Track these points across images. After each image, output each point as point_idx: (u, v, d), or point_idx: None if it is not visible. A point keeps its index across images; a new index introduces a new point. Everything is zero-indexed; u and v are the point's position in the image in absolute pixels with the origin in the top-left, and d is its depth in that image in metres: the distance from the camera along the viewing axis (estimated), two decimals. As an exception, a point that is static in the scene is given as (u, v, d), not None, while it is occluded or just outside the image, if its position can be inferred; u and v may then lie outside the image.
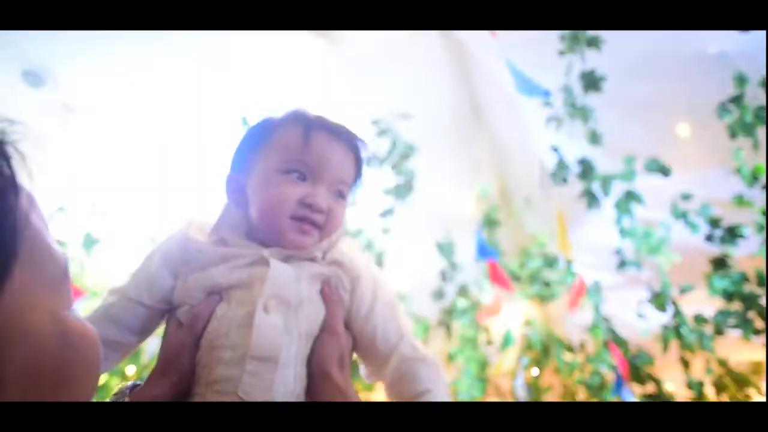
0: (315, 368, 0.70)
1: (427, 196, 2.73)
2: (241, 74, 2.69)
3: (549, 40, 1.89)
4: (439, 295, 3.18)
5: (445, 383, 0.75)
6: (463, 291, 3.15)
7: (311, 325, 0.73)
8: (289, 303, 0.71)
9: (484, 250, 2.56)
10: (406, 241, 3.05)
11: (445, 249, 3.03)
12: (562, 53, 1.86)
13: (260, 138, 0.82)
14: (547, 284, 2.95)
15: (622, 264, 2.20)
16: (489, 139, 3.05)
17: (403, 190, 2.36)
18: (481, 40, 2.41)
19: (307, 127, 0.81)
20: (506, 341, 2.63)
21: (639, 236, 2.17)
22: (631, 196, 2.09)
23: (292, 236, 0.76)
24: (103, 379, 2.94)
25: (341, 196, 0.81)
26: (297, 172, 0.78)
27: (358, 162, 0.84)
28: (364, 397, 0.82)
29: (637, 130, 2.34)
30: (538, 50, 1.96)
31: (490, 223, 2.83)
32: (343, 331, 0.75)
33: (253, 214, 0.78)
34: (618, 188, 2.15)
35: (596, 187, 2.04)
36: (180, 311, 0.75)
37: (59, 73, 2.92)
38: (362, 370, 0.79)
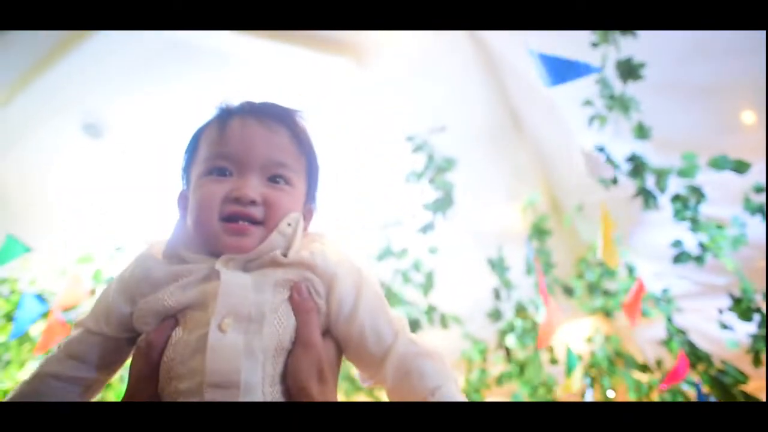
0: (291, 385, 0.62)
1: (472, 211, 2.63)
2: (276, 98, 2.75)
3: (582, 32, 1.78)
4: (495, 315, 3.01)
5: (455, 377, 0.67)
6: (520, 310, 2.97)
7: (280, 340, 0.64)
8: (248, 318, 0.63)
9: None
10: (455, 260, 2.94)
11: (497, 265, 2.88)
12: (595, 45, 1.74)
13: (190, 147, 0.77)
14: (607, 295, 2.72)
15: (681, 257, 1.94)
16: (531, 146, 2.91)
17: (443, 204, 2.27)
18: (511, 43, 2.33)
19: (223, 117, 0.75)
20: (570, 364, 2.42)
21: (710, 231, 1.91)
22: (694, 193, 1.85)
23: (227, 239, 0.67)
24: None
25: (284, 180, 0.72)
26: (220, 168, 0.71)
27: (296, 137, 0.75)
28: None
29: (692, 119, 2.13)
30: (569, 45, 1.85)
31: (539, 233, 2.66)
32: (320, 340, 0.66)
33: (189, 225, 0.71)
34: (675, 185, 1.94)
35: (651, 185, 1.85)
36: (140, 339, 0.68)
37: (114, 123, 3.12)
38: (358, 374, 0.71)
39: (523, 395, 2.68)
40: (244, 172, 0.70)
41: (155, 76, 2.72)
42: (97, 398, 0.73)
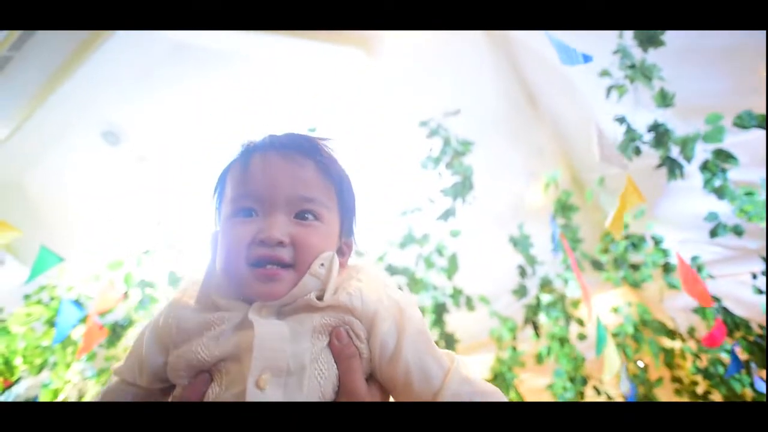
0: None
1: (491, 192, 2.61)
2: (288, 95, 2.75)
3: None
4: (521, 292, 2.99)
5: None
6: (545, 284, 2.96)
7: (322, 393, 0.60)
8: (287, 372, 0.59)
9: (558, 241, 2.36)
10: (477, 241, 2.93)
11: (521, 243, 2.86)
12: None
13: (218, 187, 0.74)
14: (634, 267, 2.67)
15: (717, 230, 1.88)
16: (548, 123, 2.86)
17: (462, 188, 2.25)
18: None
19: (246, 154, 0.71)
20: (600, 341, 2.40)
21: (739, 198, 1.84)
22: (721, 156, 1.78)
23: (257, 286, 0.63)
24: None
25: (313, 216, 0.67)
26: (246, 209, 0.66)
27: (323, 168, 0.70)
28: None
29: (712, 84, 2.06)
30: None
31: (564, 209, 2.62)
32: (364, 387, 0.62)
33: (218, 271, 0.67)
34: (701, 153, 1.87)
35: (676, 154, 1.80)
36: (173, 394, 0.64)
37: (130, 129, 3.17)
38: None
39: (566, 369, 2.66)
40: (269, 211, 0.66)
41: (167, 79, 2.74)
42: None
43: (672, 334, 2.71)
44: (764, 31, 1.71)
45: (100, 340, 3.03)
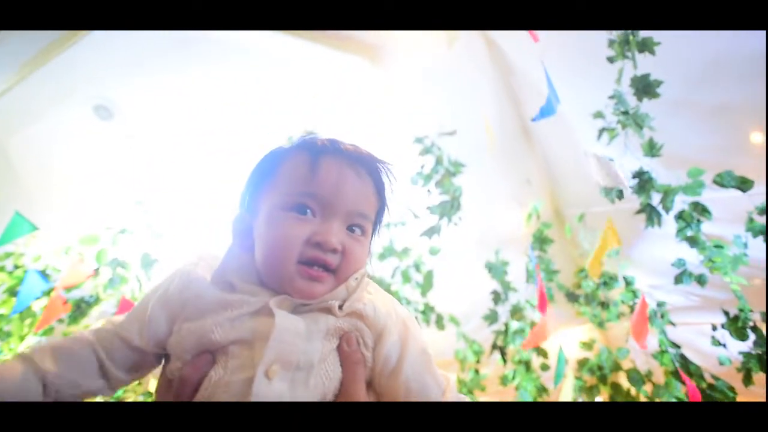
0: None
1: (475, 214, 2.66)
2: (287, 95, 2.76)
3: (598, 47, 1.80)
4: (492, 317, 3.04)
5: None
6: (515, 312, 3.01)
7: (325, 393, 0.61)
8: (296, 367, 0.60)
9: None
10: (457, 262, 2.97)
11: (496, 270, 2.91)
12: (612, 60, 1.75)
13: (266, 172, 0.73)
14: (603, 305, 2.75)
15: (682, 277, 1.96)
16: (539, 155, 2.93)
17: (450, 208, 2.29)
18: (526, 50, 2.34)
19: (315, 153, 0.71)
20: (558, 373, 2.45)
21: (709, 249, 1.92)
22: (697, 209, 1.87)
23: (300, 284, 0.64)
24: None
25: (361, 231, 0.70)
26: (303, 206, 0.67)
27: (379, 190, 0.74)
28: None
29: (700, 139, 2.16)
30: (585, 59, 1.87)
31: (542, 241, 2.69)
32: (364, 395, 0.63)
33: (257, 258, 0.68)
34: (680, 204, 1.95)
35: (656, 202, 1.87)
36: (170, 367, 0.64)
37: (124, 106, 3.13)
38: None
39: (530, 393, 2.70)
40: (328, 216, 0.68)
41: (170, 61, 2.73)
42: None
43: (638, 378, 2.76)
44: (754, 97, 1.81)
45: (62, 315, 2.96)
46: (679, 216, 1.84)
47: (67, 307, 2.93)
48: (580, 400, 2.83)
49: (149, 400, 2.84)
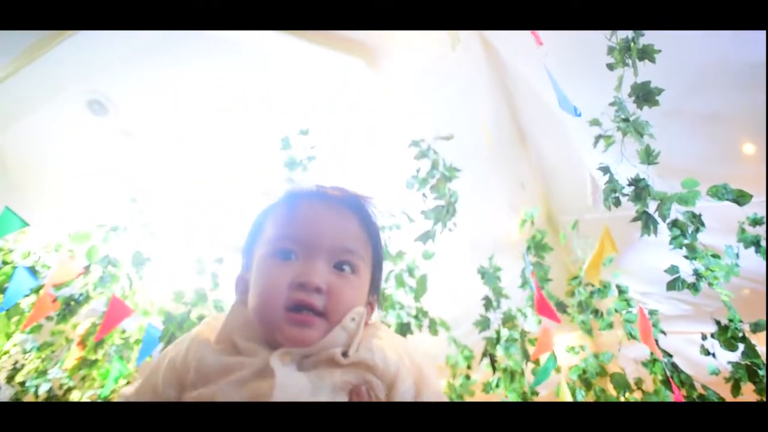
0: None
1: (469, 219, 2.65)
2: (283, 95, 2.76)
3: (597, 52, 1.81)
4: (483, 324, 3.02)
5: None
6: (508, 320, 3.00)
7: None
8: None
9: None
10: (450, 266, 2.96)
11: (489, 276, 2.90)
12: (612, 67, 1.77)
13: (257, 229, 0.74)
14: (596, 313, 2.75)
15: (675, 284, 1.96)
16: (534, 160, 2.95)
17: (445, 213, 2.29)
18: (524, 54, 2.36)
19: (294, 199, 0.72)
20: (543, 371, 2.44)
21: (706, 257, 1.93)
22: (693, 219, 1.88)
23: (290, 331, 0.62)
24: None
25: (350, 268, 0.68)
26: (286, 251, 0.66)
27: (366, 225, 0.72)
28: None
29: (694, 147, 2.18)
30: (585, 64, 1.88)
31: (538, 247, 2.69)
32: None
33: (250, 311, 0.67)
34: (674, 212, 1.96)
35: (652, 210, 1.88)
36: None
37: (119, 101, 3.11)
38: None
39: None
40: (310, 255, 0.66)
41: (166, 57, 2.71)
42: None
43: (626, 386, 2.77)
44: (749, 107, 1.83)
45: (50, 313, 2.92)
46: (674, 224, 1.85)
47: (56, 305, 2.89)
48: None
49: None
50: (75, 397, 3.19)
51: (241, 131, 2.83)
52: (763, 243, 2.04)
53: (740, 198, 1.80)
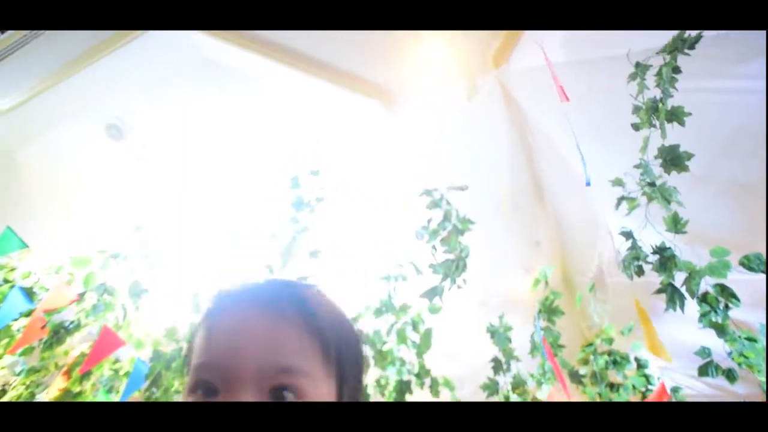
0: None
1: (480, 275, 2.52)
2: (296, 133, 2.72)
3: (619, 110, 1.72)
4: (492, 388, 2.80)
5: None
6: (518, 385, 2.79)
7: None
8: None
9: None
10: (457, 323, 2.80)
11: (499, 335, 2.73)
12: (637, 127, 1.67)
13: (191, 344, 0.60)
14: (612, 387, 2.54)
15: (708, 369, 1.77)
16: (551, 217, 2.82)
17: (454, 269, 2.15)
18: (546, 110, 2.28)
19: (209, 312, 0.57)
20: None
21: (739, 341, 1.75)
22: (724, 292, 1.71)
23: None
24: None
25: (294, 393, 0.52)
26: (206, 385, 0.52)
27: (312, 327, 0.55)
28: None
29: (724, 215, 2.04)
30: (606, 122, 1.79)
31: (550, 311, 2.52)
32: None
33: None
34: (702, 284, 1.81)
35: (678, 282, 1.73)
36: None
37: (136, 127, 3.12)
38: None
39: None
40: (233, 389, 0.51)
41: (185, 90, 2.72)
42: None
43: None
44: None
45: (39, 339, 2.83)
46: (703, 299, 1.69)
47: (44, 331, 2.80)
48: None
49: None
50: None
51: (252, 167, 2.79)
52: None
53: (771, 268, 1.64)
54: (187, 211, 3.01)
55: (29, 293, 2.88)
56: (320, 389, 0.54)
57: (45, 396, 3.05)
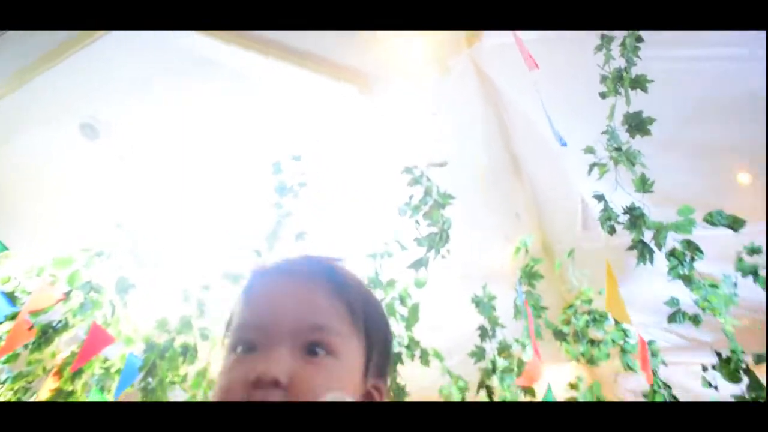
0: None
1: (462, 249, 2.61)
2: (276, 121, 2.74)
3: (590, 82, 1.81)
4: (479, 354, 2.93)
5: None
6: (503, 349, 2.92)
7: None
8: None
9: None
10: (442, 296, 2.90)
11: (483, 304, 2.84)
12: (604, 96, 1.76)
13: (231, 315, 0.65)
14: (593, 343, 2.69)
15: (676, 317, 1.92)
16: (528, 189, 2.93)
17: (438, 240, 2.24)
18: (518, 85, 2.36)
19: (255, 278, 0.64)
20: (548, 407, 2.38)
21: (704, 288, 1.90)
22: (690, 247, 1.85)
23: None
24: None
25: (324, 350, 0.56)
26: (248, 341, 0.57)
27: (341, 292, 0.61)
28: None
29: (691, 177, 2.17)
30: (577, 93, 1.88)
31: (530, 276, 2.65)
32: None
33: None
34: (671, 241, 1.94)
35: (648, 239, 1.85)
36: None
37: (111, 126, 3.08)
38: None
39: None
40: (271, 344, 0.56)
41: (159, 83, 2.69)
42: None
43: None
44: (744, 137, 1.83)
45: (26, 341, 2.80)
46: (671, 254, 1.82)
47: (32, 332, 2.78)
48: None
49: None
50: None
51: (232, 157, 2.80)
52: (762, 272, 2.02)
53: (734, 224, 1.79)
54: (170, 204, 3.01)
55: (11, 297, 2.85)
56: (350, 348, 0.59)
57: (36, 399, 3.04)
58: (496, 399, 2.86)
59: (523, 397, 2.85)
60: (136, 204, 3.11)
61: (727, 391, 2.18)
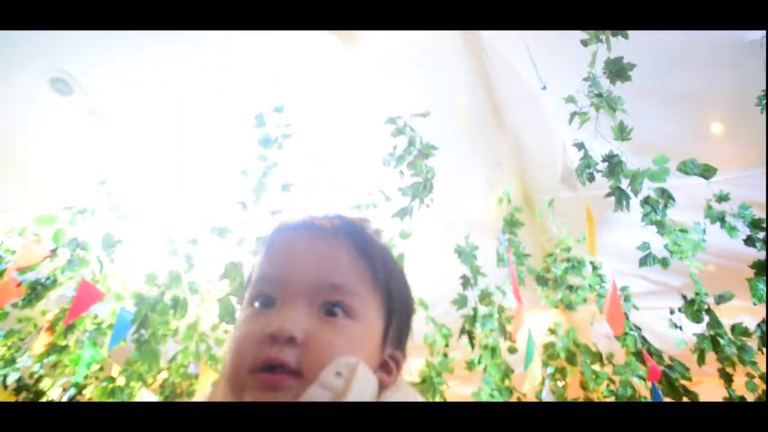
0: None
1: (446, 199, 2.66)
2: (258, 72, 2.69)
3: (576, 33, 1.81)
4: (461, 302, 3.04)
5: None
6: (485, 297, 3.04)
7: None
8: None
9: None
10: (427, 245, 2.97)
11: (465, 254, 2.92)
12: (586, 43, 1.77)
13: (253, 269, 0.64)
14: (571, 289, 2.82)
15: (647, 260, 2.02)
16: (510, 139, 2.96)
17: (422, 189, 2.28)
18: (500, 33, 2.34)
19: (278, 232, 0.62)
20: (528, 355, 2.51)
21: (674, 233, 1.99)
22: (663, 195, 1.92)
23: (256, 397, 0.50)
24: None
25: (343, 311, 0.55)
26: (265, 295, 0.56)
27: (365, 254, 0.59)
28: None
29: (669, 125, 2.21)
30: (557, 42, 1.87)
31: (512, 224, 2.72)
32: None
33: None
34: (646, 190, 2.01)
35: (624, 186, 1.92)
36: None
37: (85, 79, 2.98)
38: None
39: (494, 379, 2.75)
40: (288, 299, 0.55)
41: (136, 39, 2.60)
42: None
43: (594, 358, 2.87)
44: (724, 85, 1.85)
45: (15, 299, 2.82)
46: (645, 201, 1.89)
47: (20, 290, 2.79)
48: (547, 382, 2.90)
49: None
50: (47, 385, 3.12)
51: (214, 109, 2.76)
52: (728, 219, 2.11)
53: (706, 172, 1.85)
54: (152, 159, 2.98)
55: (-5, 257, 2.85)
56: (369, 313, 0.58)
57: (30, 354, 3.08)
58: (477, 344, 2.99)
59: (503, 342, 2.99)
60: (117, 159, 3.06)
61: (690, 331, 2.33)
